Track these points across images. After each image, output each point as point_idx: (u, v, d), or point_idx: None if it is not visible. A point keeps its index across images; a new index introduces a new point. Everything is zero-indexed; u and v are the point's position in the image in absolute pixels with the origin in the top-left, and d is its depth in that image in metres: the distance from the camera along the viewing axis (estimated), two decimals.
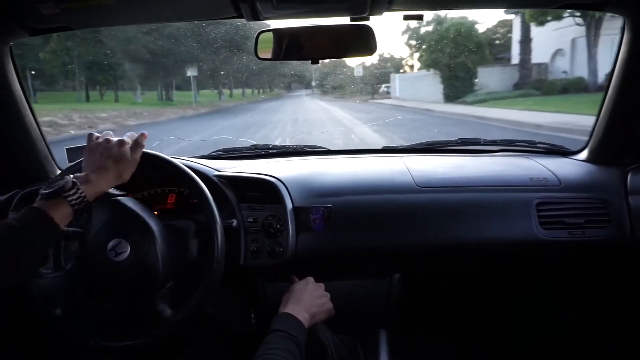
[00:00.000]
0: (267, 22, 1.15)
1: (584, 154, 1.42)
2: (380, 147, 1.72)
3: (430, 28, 16.86)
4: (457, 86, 14.73)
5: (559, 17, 13.39)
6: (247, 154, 1.58)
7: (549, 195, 1.25)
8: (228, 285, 1.05)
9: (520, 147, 1.57)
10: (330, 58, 1.19)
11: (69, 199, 0.82)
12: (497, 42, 18.80)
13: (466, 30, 14.93)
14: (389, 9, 1.09)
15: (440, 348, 1.57)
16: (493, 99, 13.67)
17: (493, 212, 1.23)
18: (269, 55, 1.15)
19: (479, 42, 15.65)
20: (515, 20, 16.89)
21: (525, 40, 15.97)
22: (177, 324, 0.93)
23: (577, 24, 13.42)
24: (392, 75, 19.29)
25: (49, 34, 1.19)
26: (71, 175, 0.85)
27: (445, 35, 15.08)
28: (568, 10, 12.74)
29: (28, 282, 0.93)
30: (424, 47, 17.01)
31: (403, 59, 19.88)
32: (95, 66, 15.41)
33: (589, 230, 1.22)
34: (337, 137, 7.07)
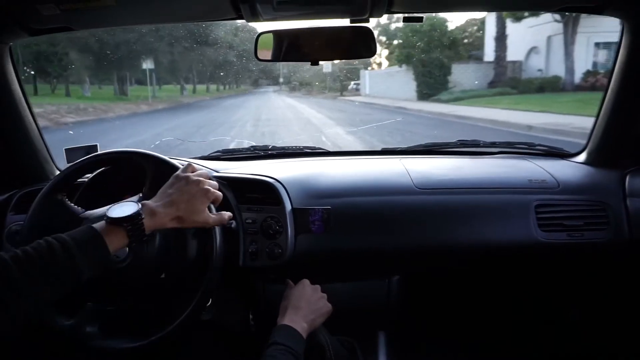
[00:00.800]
0: (267, 23, 1.15)
1: (582, 157, 1.43)
2: (379, 149, 1.73)
3: (400, 24, 16.55)
4: (431, 83, 14.32)
5: (536, 14, 13.22)
6: (246, 155, 1.58)
7: (548, 198, 1.25)
8: (227, 286, 1.05)
9: (519, 149, 1.57)
10: (330, 59, 1.19)
11: (128, 228, 0.77)
12: (466, 40, 18.31)
13: (440, 25, 14.73)
14: (389, 10, 1.09)
15: (439, 349, 1.57)
16: (469, 97, 13.26)
17: (492, 214, 1.23)
18: (268, 57, 1.15)
19: (453, 38, 15.42)
20: (489, 17, 16.43)
21: (501, 37, 15.49)
22: (176, 326, 0.93)
23: (556, 21, 13.28)
24: (361, 71, 18.65)
25: (48, 34, 1.19)
26: (139, 205, 0.81)
27: (418, 30, 14.73)
28: None
29: None
30: (395, 42, 16.58)
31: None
32: (42, 56, 13.52)
33: (587, 232, 1.22)
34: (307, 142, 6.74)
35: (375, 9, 1.05)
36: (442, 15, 14.17)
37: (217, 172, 1.25)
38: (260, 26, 1.14)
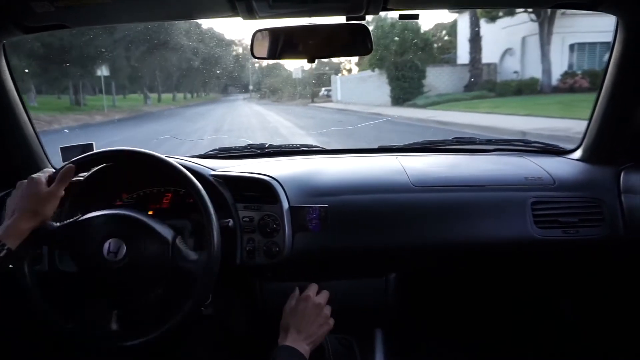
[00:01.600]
0: (263, 20, 1.15)
1: (577, 153, 1.43)
2: (376, 147, 1.73)
3: (371, 27, 16.35)
4: (406, 87, 13.59)
5: (511, 13, 12.78)
6: (243, 154, 1.57)
7: (544, 194, 1.25)
8: (224, 285, 1.05)
9: (515, 146, 1.58)
10: (326, 57, 1.19)
11: None
12: (435, 45, 17.57)
13: (412, 26, 13.70)
14: (385, 8, 1.09)
15: (436, 347, 1.58)
16: (446, 101, 12.62)
17: (488, 211, 1.24)
18: (265, 54, 1.15)
19: (426, 39, 14.66)
20: (461, 18, 15.71)
21: (475, 38, 14.78)
22: (174, 324, 0.93)
23: (532, 20, 12.93)
24: (332, 77, 17.83)
25: (43, 32, 1.18)
26: None
27: (391, 31, 13.85)
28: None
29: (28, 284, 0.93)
30: None
31: (341, 62, 18.46)
32: None
33: (583, 229, 1.22)
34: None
35: (371, 7, 1.05)
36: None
37: (214, 170, 1.24)
38: (257, 24, 1.14)
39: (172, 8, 1.13)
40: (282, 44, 1.13)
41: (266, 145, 1.62)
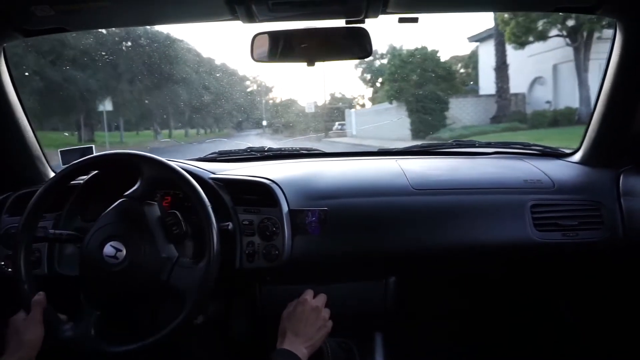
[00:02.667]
0: (263, 24, 1.15)
1: (577, 156, 1.43)
2: (375, 150, 1.73)
3: (385, 61, 14.84)
4: (427, 120, 12.52)
5: (543, 37, 12.01)
6: (243, 157, 1.57)
7: (543, 197, 1.25)
8: (224, 288, 1.04)
9: (514, 149, 1.58)
10: (326, 60, 1.19)
11: None
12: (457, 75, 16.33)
13: (432, 55, 13.09)
14: (384, 11, 1.09)
15: (436, 351, 1.57)
16: (474, 133, 11.38)
17: (488, 214, 1.24)
18: (264, 58, 1.15)
19: (448, 68, 13.50)
20: (483, 46, 14.86)
21: (502, 67, 13.62)
22: (173, 328, 0.92)
23: (567, 44, 12.06)
24: (346, 111, 16.68)
25: (43, 35, 1.18)
26: None
27: (410, 61, 13.10)
28: (556, 29, 11.59)
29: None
30: (384, 76, 14.55)
31: (354, 98, 17.69)
32: None
33: (582, 232, 1.22)
34: None
35: (371, 10, 1.05)
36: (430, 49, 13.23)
37: (213, 173, 1.24)
38: (256, 27, 1.14)
39: (171, 11, 1.14)
40: (282, 47, 1.13)
41: (266, 149, 1.62)
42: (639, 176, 1.28)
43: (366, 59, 15.67)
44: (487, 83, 14.40)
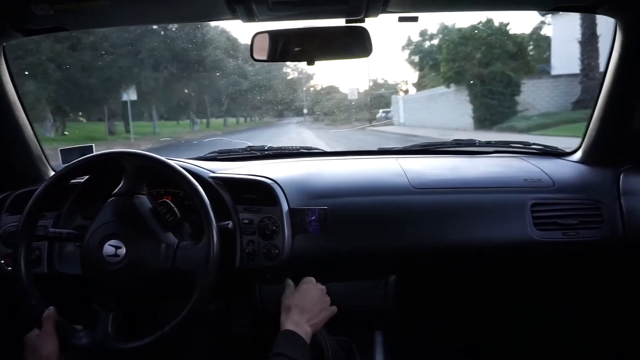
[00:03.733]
0: (263, 23, 1.15)
1: (577, 155, 1.43)
2: (375, 149, 1.72)
3: (436, 42, 12.63)
4: (494, 106, 10.26)
5: None
6: (243, 156, 1.57)
7: (543, 196, 1.25)
8: (224, 287, 1.04)
9: (514, 148, 1.58)
10: (326, 60, 1.19)
11: None
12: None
13: (499, 28, 10.55)
14: (384, 10, 1.09)
15: (436, 350, 1.57)
16: (558, 122, 9.09)
17: (488, 213, 1.24)
18: (264, 57, 1.15)
19: (520, 44, 11.02)
20: (557, 19, 11.57)
21: (591, 40, 10.25)
22: (173, 327, 0.92)
23: None
24: (393, 97, 14.34)
25: (43, 34, 1.18)
26: None
27: (471, 36, 10.68)
28: None
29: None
30: (440, 56, 12.02)
31: (398, 83, 15.39)
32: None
33: (582, 231, 1.23)
34: None
35: (371, 9, 1.05)
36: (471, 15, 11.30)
37: (213, 172, 1.24)
38: (256, 27, 1.14)
39: (171, 11, 1.14)
40: (282, 46, 1.13)
41: (266, 147, 1.62)
42: (639, 175, 1.28)
43: (414, 41, 13.52)
44: (560, 62, 11.56)
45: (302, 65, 1.20)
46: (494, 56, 10.47)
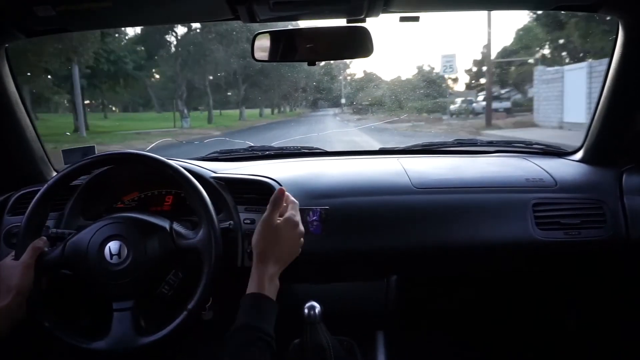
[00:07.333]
0: (264, 24, 1.15)
1: (579, 155, 1.43)
2: (377, 149, 1.72)
3: None
4: None
5: None
6: (244, 156, 1.58)
7: (545, 196, 1.25)
8: (225, 287, 1.05)
9: (516, 148, 1.57)
10: (326, 60, 1.20)
11: None
12: None
13: None
14: (385, 10, 1.09)
15: (437, 350, 1.57)
16: None
17: (490, 213, 1.24)
18: (265, 57, 1.15)
19: None
20: None
21: None
22: (174, 327, 0.93)
23: None
24: (539, 68, 9.46)
25: (45, 35, 1.18)
26: None
27: None
28: None
29: None
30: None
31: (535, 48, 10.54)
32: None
33: (584, 230, 1.22)
34: None
35: (372, 9, 1.05)
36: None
37: (215, 172, 1.25)
38: (258, 27, 1.14)
39: (172, 11, 1.14)
40: (283, 46, 1.14)
41: (266, 147, 1.63)
42: None
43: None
44: None
45: None
46: None
